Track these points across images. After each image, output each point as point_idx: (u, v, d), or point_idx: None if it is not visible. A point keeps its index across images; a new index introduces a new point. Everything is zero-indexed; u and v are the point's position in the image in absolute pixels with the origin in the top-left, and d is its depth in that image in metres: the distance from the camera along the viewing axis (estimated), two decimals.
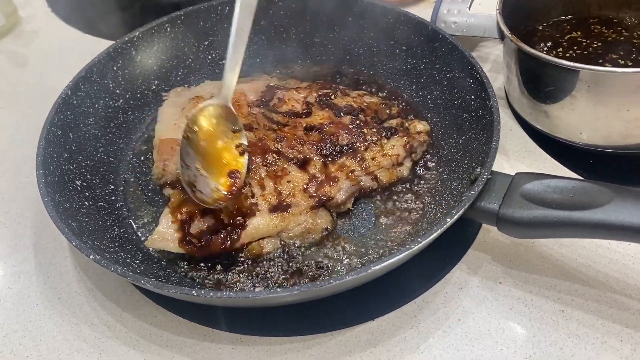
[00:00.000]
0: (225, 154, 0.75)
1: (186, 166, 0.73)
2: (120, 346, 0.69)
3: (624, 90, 0.74)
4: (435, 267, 0.73)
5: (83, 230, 0.72)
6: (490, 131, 0.74)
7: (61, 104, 0.83)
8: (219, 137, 0.75)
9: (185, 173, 0.73)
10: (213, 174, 0.73)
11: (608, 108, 0.76)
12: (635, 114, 0.75)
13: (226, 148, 0.75)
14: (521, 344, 0.66)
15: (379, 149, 0.82)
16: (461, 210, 0.65)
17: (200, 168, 0.73)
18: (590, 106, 0.77)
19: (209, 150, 0.74)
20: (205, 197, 0.72)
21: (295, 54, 1.02)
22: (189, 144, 0.74)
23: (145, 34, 0.96)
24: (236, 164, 0.75)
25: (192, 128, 0.74)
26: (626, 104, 0.74)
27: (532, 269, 0.72)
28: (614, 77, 0.74)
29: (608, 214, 0.62)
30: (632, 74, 0.73)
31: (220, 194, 0.73)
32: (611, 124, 0.77)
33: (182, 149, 0.73)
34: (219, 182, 0.73)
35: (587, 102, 0.77)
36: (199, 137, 0.74)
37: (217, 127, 0.76)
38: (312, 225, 0.76)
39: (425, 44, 0.92)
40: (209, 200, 0.72)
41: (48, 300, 0.74)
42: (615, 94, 0.75)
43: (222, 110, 0.77)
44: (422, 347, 0.66)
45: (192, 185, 0.72)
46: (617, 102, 0.75)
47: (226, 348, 0.67)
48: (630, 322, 0.66)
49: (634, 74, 0.73)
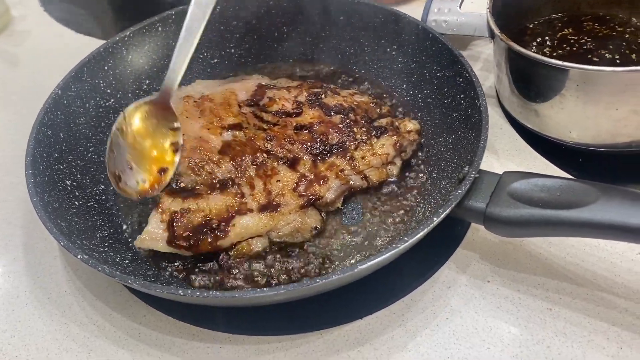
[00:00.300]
0: (156, 150, 0.77)
1: (114, 155, 0.75)
2: (109, 345, 0.69)
3: (612, 89, 0.74)
4: (423, 265, 0.73)
5: (72, 230, 0.72)
6: (478, 130, 0.74)
7: (51, 104, 0.83)
8: (152, 133, 0.77)
9: (112, 163, 0.75)
10: (141, 168, 0.75)
11: (597, 107, 0.76)
12: (623, 113, 0.75)
13: (158, 145, 0.77)
14: (508, 342, 0.66)
15: (369, 148, 0.82)
16: (448, 209, 0.65)
17: (130, 161, 0.75)
18: (579, 105, 0.77)
19: (140, 145, 0.76)
20: (129, 189, 0.74)
21: (286, 53, 1.02)
22: (121, 136, 0.76)
23: (136, 33, 0.96)
24: (167, 161, 0.76)
25: (128, 121, 0.77)
26: (615, 102, 0.75)
27: (521, 267, 0.72)
28: (603, 76, 0.74)
29: (594, 212, 0.62)
30: (620, 72, 0.73)
31: (144, 187, 0.74)
32: (600, 122, 0.77)
33: (112, 139, 0.76)
34: (146, 176, 0.75)
35: (576, 101, 0.77)
36: (132, 131, 0.77)
37: (151, 124, 0.77)
38: (301, 224, 0.76)
39: (416, 43, 0.92)
40: (132, 192, 0.74)
41: (37, 300, 0.74)
42: (603, 93, 0.75)
43: (159, 107, 0.78)
44: (410, 346, 0.66)
45: (117, 177, 0.75)
46: (606, 101, 0.75)
47: (214, 347, 0.68)
48: (617, 320, 0.66)
49: (622, 72, 0.73)
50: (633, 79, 0.72)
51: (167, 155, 0.76)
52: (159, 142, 0.77)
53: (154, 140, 0.77)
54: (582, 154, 0.85)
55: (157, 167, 0.75)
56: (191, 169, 0.78)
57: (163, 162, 0.75)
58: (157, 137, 0.77)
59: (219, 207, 0.75)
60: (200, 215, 0.74)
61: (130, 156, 0.75)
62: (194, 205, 0.75)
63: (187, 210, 0.74)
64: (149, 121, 0.77)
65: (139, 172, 0.75)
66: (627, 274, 0.70)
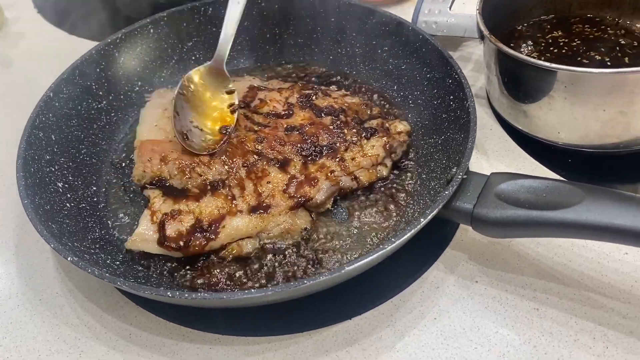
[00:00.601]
0: (216, 110, 0.86)
1: (179, 117, 0.83)
2: (100, 346, 0.69)
3: (599, 91, 0.74)
4: (412, 266, 0.74)
5: (63, 232, 0.73)
6: (467, 131, 0.75)
7: (43, 106, 0.84)
8: (212, 95, 0.87)
9: (178, 123, 0.82)
10: (205, 127, 0.83)
11: (584, 108, 0.77)
12: (610, 114, 0.76)
13: (218, 106, 0.86)
14: (495, 342, 0.66)
15: (359, 149, 0.83)
16: (435, 210, 0.66)
17: (194, 120, 0.84)
18: (567, 106, 0.78)
19: (202, 106, 0.86)
20: (195, 146, 0.81)
21: (277, 55, 1.03)
22: (184, 99, 0.85)
23: (128, 35, 0.96)
24: (227, 120, 0.84)
25: (188, 85, 0.86)
26: (602, 104, 0.75)
27: (508, 267, 0.73)
28: (590, 77, 0.75)
29: (579, 213, 0.62)
30: (608, 74, 0.73)
31: (209, 144, 0.81)
32: (588, 123, 0.78)
33: (176, 102, 0.84)
34: (210, 134, 0.83)
35: (564, 102, 0.77)
36: (193, 94, 0.86)
37: (209, 86, 0.87)
38: (291, 225, 0.76)
39: (407, 45, 0.92)
40: (198, 148, 0.81)
41: (29, 302, 0.74)
42: (591, 94, 0.75)
43: (215, 72, 0.88)
44: (398, 346, 0.67)
45: (183, 135, 0.81)
46: (594, 102, 0.76)
47: (204, 348, 0.68)
48: (603, 320, 0.67)
49: (609, 74, 0.73)
50: (619, 81, 0.73)
51: (227, 114, 0.85)
52: (219, 103, 0.86)
53: (214, 101, 0.86)
54: (571, 155, 0.85)
55: (218, 125, 0.83)
56: (182, 171, 0.78)
57: (223, 121, 0.84)
58: (216, 99, 0.86)
59: (209, 209, 0.75)
60: (191, 217, 0.74)
61: (194, 117, 0.84)
62: (184, 206, 0.75)
63: (177, 211, 0.75)
64: (207, 84, 0.87)
65: (203, 130, 0.83)
66: (614, 274, 0.71)
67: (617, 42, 0.90)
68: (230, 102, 0.86)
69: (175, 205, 0.75)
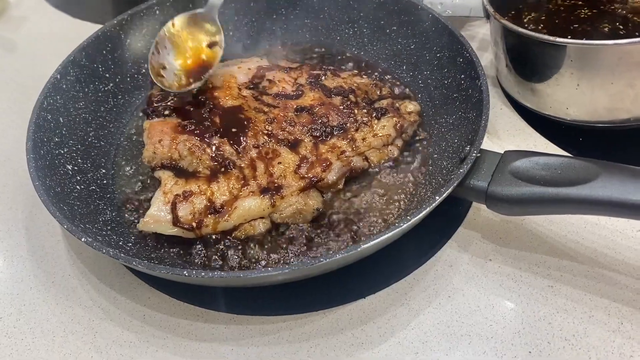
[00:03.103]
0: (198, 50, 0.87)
1: (158, 55, 0.85)
2: (115, 327, 0.69)
3: (606, 64, 0.74)
4: (425, 245, 0.74)
5: (75, 214, 0.72)
6: (479, 110, 0.74)
7: (50, 89, 0.83)
8: (195, 39, 0.88)
9: (154, 59, 0.85)
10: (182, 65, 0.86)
11: (592, 82, 0.76)
12: (618, 87, 0.75)
13: (200, 47, 0.87)
14: (510, 320, 0.66)
15: (370, 130, 0.82)
16: (450, 189, 0.65)
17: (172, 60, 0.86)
18: (574, 81, 0.77)
19: (183, 46, 0.87)
20: (166, 82, 0.84)
21: (285, 36, 1.02)
22: (167, 38, 0.87)
23: (134, 17, 0.95)
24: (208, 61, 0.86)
25: (174, 27, 0.87)
26: (609, 77, 0.74)
27: (522, 246, 0.73)
28: (595, 50, 0.74)
29: (595, 189, 0.62)
30: (612, 46, 0.72)
31: (182, 84, 0.84)
32: (596, 98, 0.77)
33: (158, 41, 0.86)
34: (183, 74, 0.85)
35: (572, 77, 0.77)
36: (178, 35, 0.87)
37: (195, 31, 0.88)
38: (303, 206, 0.76)
39: (415, 24, 0.92)
40: (168, 85, 0.84)
41: (42, 284, 0.74)
42: (598, 68, 0.74)
43: (205, 19, 0.88)
44: (413, 324, 0.67)
45: (157, 72, 0.84)
46: (601, 76, 0.75)
47: (219, 328, 0.68)
48: (617, 297, 0.67)
49: (614, 45, 0.72)
50: (626, 52, 0.72)
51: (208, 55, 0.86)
52: (201, 47, 0.87)
53: (196, 45, 0.87)
54: (582, 132, 0.85)
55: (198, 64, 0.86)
56: (192, 152, 0.78)
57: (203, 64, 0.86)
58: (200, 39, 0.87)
59: (221, 190, 0.75)
60: (203, 198, 0.74)
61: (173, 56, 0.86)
62: (195, 187, 0.75)
63: (189, 192, 0.74)
64: (193, 29, 0.88)
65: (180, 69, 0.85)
66: (627, 251, 0.71)
67: (625, 19, 0.89)
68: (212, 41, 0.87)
69: (187, 186, 0.75)
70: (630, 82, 0.74)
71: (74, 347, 0.68)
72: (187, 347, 0.67)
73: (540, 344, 0.64)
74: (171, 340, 0.68)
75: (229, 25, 1.01)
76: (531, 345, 0.64)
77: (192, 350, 0.67)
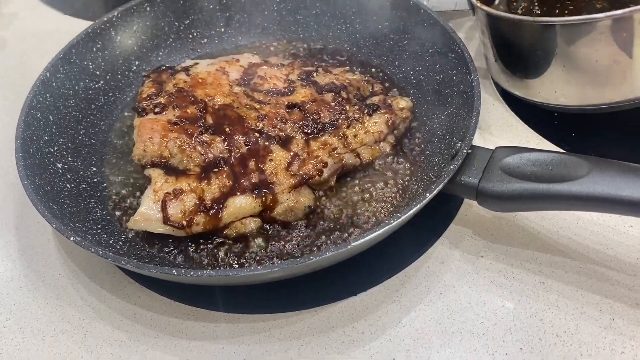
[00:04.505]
0: None
1: None
2: (105, 327, 0.69)
3: (588, 40, 0.73)
4: (416, 242, 0.74)
5: (65, 212, 0.72)
6: (471, 106, 0.74)
7: (40, 87, 0.82)
8: None
9: None
10: None
11: (577, 62, 0.75)
12: (603, 64, 0.74)
13: None
14: (502, 316, 0.66)
15: (362, 126, 0.82)
16: (440, 185, 0.65)
17: None
18: (560, 62, 0.76)
19: None
20: None
21: (277, 32, 1.01)
22: None
23: (124, 13, 0.95)
24: None
25: None
26: (593, 54, 0.73)
27: (514, 242, 0.73)
28: (575, 29, 0.73)
29: (586, 185, 0.62)
30: (592, 21, 0.71)
31: None
32: (583, 78, 0.76)
33: None
34: None
35: (557, 59, 0.76)
36: None
37: None
38: (295, 203, 0.76)
39: (407, 20, 0.91)
40: None
41: (32, 283, 0.74)
42: (580, 45, 0.74)
43: None
44: (405, 321, 0.67)
45: None
46: (584, 53, 0.74)
47: (210, 326, 0.68)
48: (609, 293, 0.67)
49: (593, 21, 0.71)
50: (606, 26, 0.71)
51: None
52: None
53: None
54: (574, 127, 0.84)
55: None
56: (183, 150, 0.77)
57: None
58: None
59: (211, 188, 0.75)
60: (193, 196, 0.74)
61: None
62: (186, 185, 0.74)
63: (179, 190, 0.74)
64: None
65: None
66: (619, 247, 0.71)
67: None
68: None
69: (177, 184, 0.74)
70: (615, 58, 0.73)
71: (64, 346, 0.67)
72: (178, 345, 0.67)
73: (532, 341, 0.64)
74: (162, 339, 0.67)
75: (220, 21, 1.00)
76: (522, 341, 0.64)
77: (183, 348, 0.66)
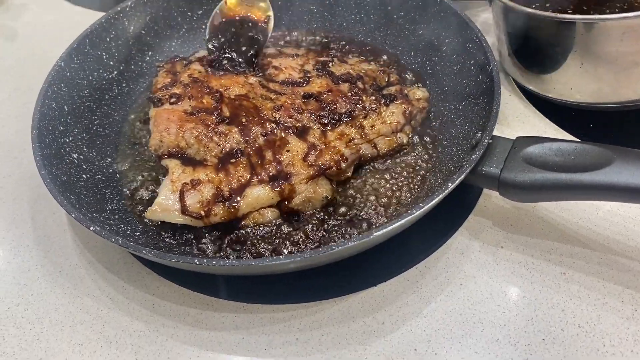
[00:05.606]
0: None
1: None
2: (123, 317, 0.69)
3: (609, 40, 0.72)
4: (436, 233, 0.73)
5: (82, 203, 0.71)
6: (490, 96, 0.73)
7: (55, 76, 0.82)
8: None
9: None
10: None
11: (596, 60, 0.75)
12: (623, 64, 0.73)
13: None
14: (523, 307, 0.66)
15: (378, 117, 0.81)
16: (462, 175, 0.65)
17: None
18: (578, 59, 0.76)
19: None
20: None
21: (291, 22, 1.01)
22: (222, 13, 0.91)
23: (137, 3, 0.94)
24: None
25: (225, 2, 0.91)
26: (613, 53, 0.73)
27: (533, 233, 0.72)
28: (598, 26, 0.72)
29: (610, 175, 0.61)
30: (615, 20, 0.71)
31: None
32: (600, 77, 0.76)
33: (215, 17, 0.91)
34: None
35: (575, 56, 0.75)
36: None
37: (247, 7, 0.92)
38: (312, 194, 0.75)
39: (423, 10, 0.91)
40: None
41: (49, 274, 0.74)
42: (601, 44, 0.73)
43: None
44: (425, 312, 0.67)
45: None
46: (604, 53, 0.73)
47: (229, 316, 0.68)
48: (631, 283, 0.67)
49: (621, 20, 0.70)
50: (631, 26, 0.70)
51: None
52: None
53: None
54: (592, 118, 0.84)
55: None
56: (199, 140, 0.77)
57: None
58: None
59: (229, 178, 0.74)
60: (211, 186, 0.73)
61: None
62: (203, 176, 0.74)
63: (197, 181, 0.73)
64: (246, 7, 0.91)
65: None
66: None
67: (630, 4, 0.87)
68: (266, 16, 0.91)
69: (195, 175, 0.74)
70: (635, 59, 0.73)
71: (83, 336, 0.67)
72: (197, 336, 0.66)
73: (554, 331, 0.64)
74: (181, 330, 0.67)
75: None
76: (544, 332, 0.64)
77: (202, 339, 0.66)
